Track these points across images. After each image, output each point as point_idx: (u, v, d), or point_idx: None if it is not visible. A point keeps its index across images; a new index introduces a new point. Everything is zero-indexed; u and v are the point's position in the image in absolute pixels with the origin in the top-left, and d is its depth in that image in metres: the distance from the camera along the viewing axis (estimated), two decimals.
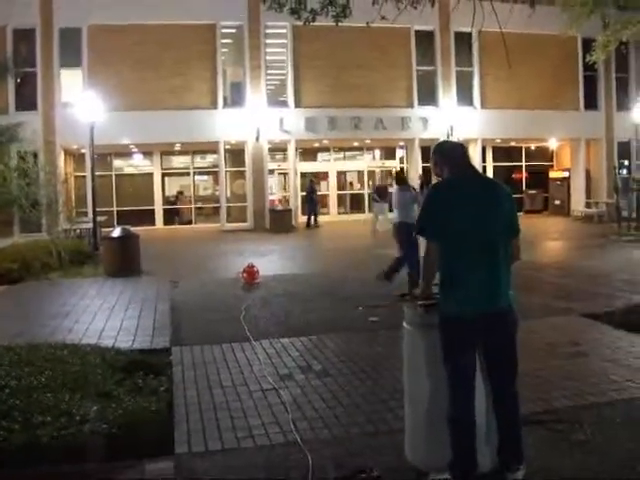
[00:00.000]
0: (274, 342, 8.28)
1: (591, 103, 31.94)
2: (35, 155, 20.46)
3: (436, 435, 4.24)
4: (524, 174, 34.07)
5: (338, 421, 5.50)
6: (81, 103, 19.66)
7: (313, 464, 4.61)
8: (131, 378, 6.24)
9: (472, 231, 4.10)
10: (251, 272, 13.37)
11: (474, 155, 30.78)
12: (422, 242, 4.29)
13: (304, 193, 30.13)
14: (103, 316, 10.25)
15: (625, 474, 4.43)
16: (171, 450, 4.98)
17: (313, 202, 29.53)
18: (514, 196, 4.46)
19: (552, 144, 33.35)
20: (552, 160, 34.73)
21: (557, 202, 32.62)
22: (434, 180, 4.60)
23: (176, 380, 6.70)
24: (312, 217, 29.13)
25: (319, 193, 31.58)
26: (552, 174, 33.48)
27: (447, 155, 4.41)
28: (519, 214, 4.40)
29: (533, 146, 34.09)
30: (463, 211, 4.12)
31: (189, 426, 5.45)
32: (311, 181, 30.16)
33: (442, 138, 24.14)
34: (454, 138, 28.71)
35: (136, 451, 4.82)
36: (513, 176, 33.71)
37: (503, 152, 33.84)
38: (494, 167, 33.06)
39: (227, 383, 6.63)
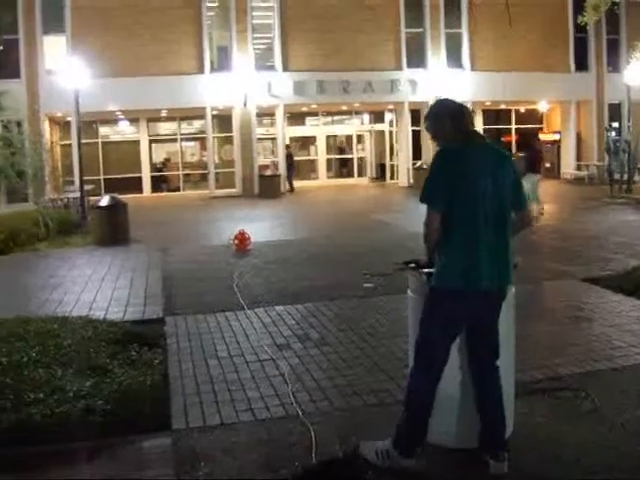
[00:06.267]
0: (269, 310, 8.13)
1: (582, 65, 31.62)
2: (19, 124, 20.09)
3: (440, 404, 4.10)
4: (514, 137, 33.81)
5: (339, 392, 5.34)
6: (65, 70, 19.29)
7: (316, 439, 4.47)
8: (125, 351, 6.09)
9: (482, 203, 3.83)
10: (242, 239, 13.20)
11: None
12: None
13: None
14: (93, 287, 10.06)
15: (637, 444, 4.30)
16: (168, 425, 4.83)
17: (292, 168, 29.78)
18: None
19: (542, 106, 33.02)
20: (542, 122, 34.47)
21: (547, 165, 32.43)
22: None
23: (171, 352, 6.54)
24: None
25: (309, 158, 32.26)
26: (542, 137, 33.27)
27: (447, 116, 4.02)
28: None
29: (523, 108, 33.79)
30: (473, 182, 3.83)
31: (186, 400, 5.28)
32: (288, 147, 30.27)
33: (431, 101, 24.12)
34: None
35: (132, 427, 4.67)
36: (503, 139, 33.49)
37: (493, 115, 33.61)
38: (484, 130, 32.70)
39: (223, 354, 6.47)
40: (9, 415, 4.61)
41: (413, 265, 4.27)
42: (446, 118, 4.04)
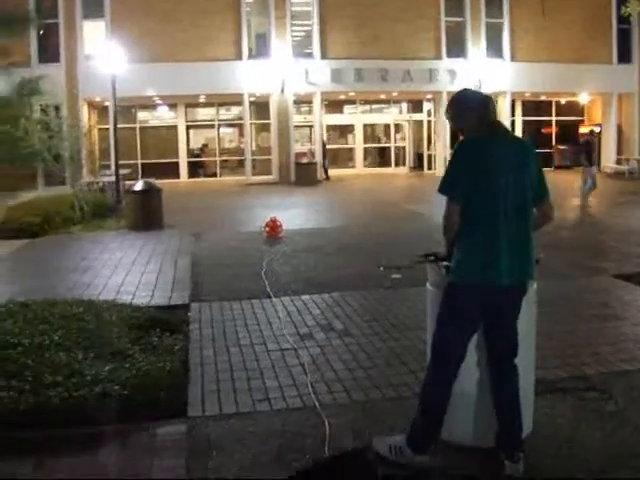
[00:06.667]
0: (295, 299, 8.10)
1: (624, 56, 31.08)
2: (57, 108, 20.25)
3: (456, 401, 4.02)
4: (554, 129, 33.36)
5: (357, 385, 5.29)
6: (104, 55, 19.40)
7: (330, 432, 4.42)
8: (147, 336, 6.08)
9: (503, 196, 3.73)
10: (274, 226, 13.17)
11: (503, 109, 30.21)
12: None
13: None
14: (123, 271, 10.13)
15: None
16: (184, 412, 4.82)
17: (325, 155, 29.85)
18: (544, 151, 4.11)
19: (583, 98, 32.52)
20: (583, 115, 33.94)
21: None
22: None
23: (193, 338, 6.54)
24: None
25: (347, 146, 32.77)
26: (583, 129, 32.73)
27: (471, 107, 3.96)
28: (549, 169, 4.07)
29: (563, 100, 33.30)
30: (495, 174, 3.74)
31: (204, 387, 5.27)
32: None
33: None
34: (483, 91, 28.17)
35: (148, 413, 4.66)
36: (543, 131, 33.06)
37: (533, 106, 33.15)
38: (523, 121, 32.42)
39: (245, 342, 6.45)
40: (27, 397, 4.63)
41: (432, 258, 4.19)
42: (468, 109, 3.97)
